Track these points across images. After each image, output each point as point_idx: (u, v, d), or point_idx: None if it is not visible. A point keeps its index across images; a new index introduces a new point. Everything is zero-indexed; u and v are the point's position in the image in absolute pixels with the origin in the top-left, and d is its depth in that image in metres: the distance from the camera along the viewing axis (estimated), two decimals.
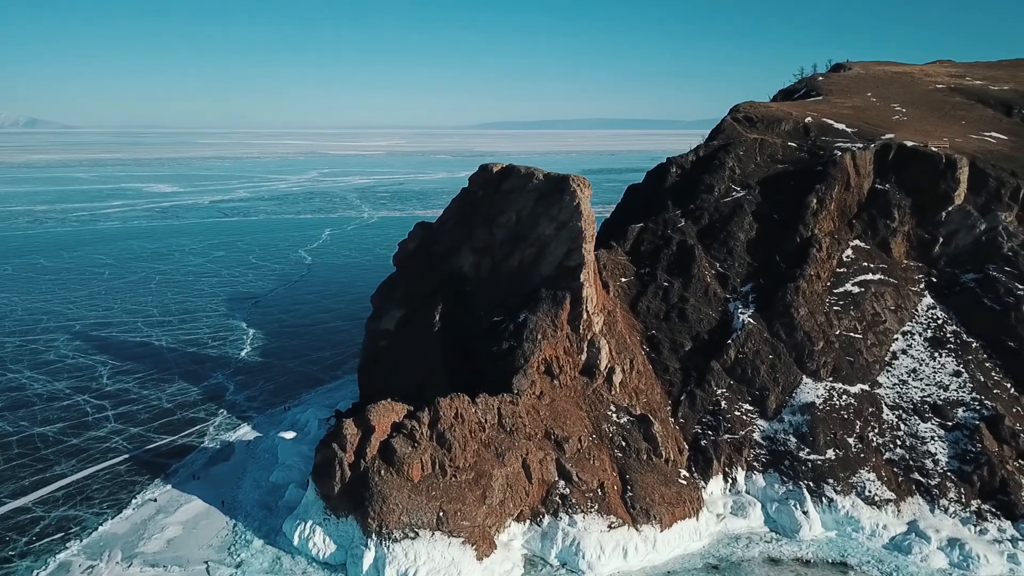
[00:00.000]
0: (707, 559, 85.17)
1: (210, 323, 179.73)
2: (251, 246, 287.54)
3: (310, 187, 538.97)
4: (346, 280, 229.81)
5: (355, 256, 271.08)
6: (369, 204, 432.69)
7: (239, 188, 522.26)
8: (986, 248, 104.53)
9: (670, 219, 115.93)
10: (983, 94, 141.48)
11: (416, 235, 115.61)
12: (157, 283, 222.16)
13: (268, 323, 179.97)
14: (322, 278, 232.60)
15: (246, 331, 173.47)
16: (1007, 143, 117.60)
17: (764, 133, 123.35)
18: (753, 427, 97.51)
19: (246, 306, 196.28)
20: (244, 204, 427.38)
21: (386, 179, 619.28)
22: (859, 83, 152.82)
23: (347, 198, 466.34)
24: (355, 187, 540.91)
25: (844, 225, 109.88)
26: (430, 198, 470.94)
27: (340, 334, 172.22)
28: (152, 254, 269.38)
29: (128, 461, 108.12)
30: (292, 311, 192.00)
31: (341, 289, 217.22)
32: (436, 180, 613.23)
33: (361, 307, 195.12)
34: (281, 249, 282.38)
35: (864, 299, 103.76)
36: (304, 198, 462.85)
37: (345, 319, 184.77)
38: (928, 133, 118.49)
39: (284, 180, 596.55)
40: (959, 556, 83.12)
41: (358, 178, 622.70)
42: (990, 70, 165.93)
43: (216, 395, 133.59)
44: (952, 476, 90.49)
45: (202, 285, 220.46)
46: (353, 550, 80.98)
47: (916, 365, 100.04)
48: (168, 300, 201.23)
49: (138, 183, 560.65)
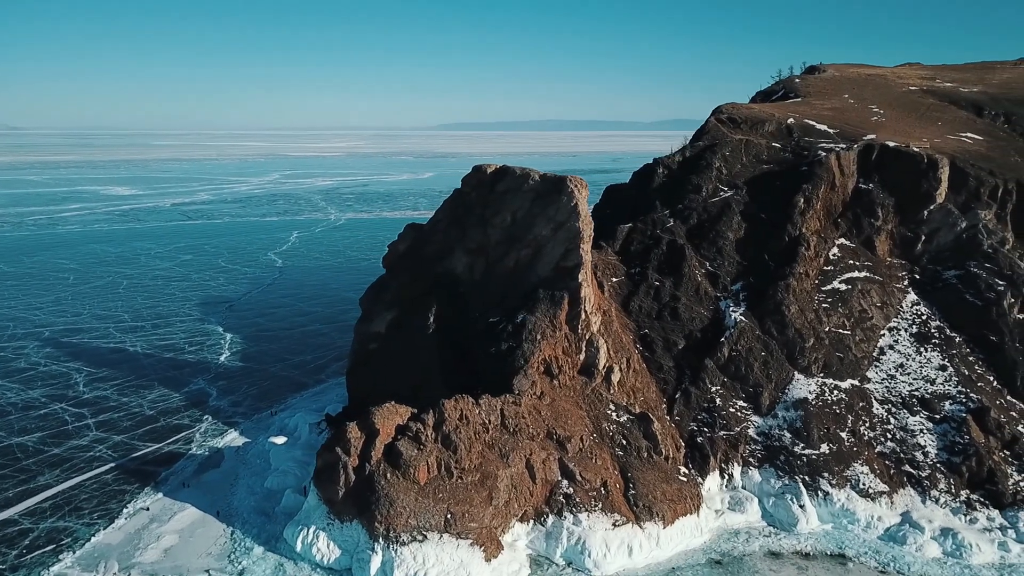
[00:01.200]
0: (709, 554, 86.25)
1: (185, 328, 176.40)
2: (219, 249, 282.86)
3: (273, 189, 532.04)
4: (320, 283, 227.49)
5: (326, 259, 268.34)
6: (335, 206, 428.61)
7: (200, 190, 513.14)
8: (967, 245, 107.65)
9: (659, 219, 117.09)
10: (954, 96, 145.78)
11: (406, 237, 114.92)
12: (125, 288, 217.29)
13: (245, 327, 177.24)
14: (295, 281, 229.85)
15: (223, 335, 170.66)
16: (983, 143, 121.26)
17: (748, 134, 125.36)
18: (748, 423, 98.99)
19: (220, 310, 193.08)
20: (207, 207, 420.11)
21: (349, 180, 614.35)
22: (835, 85, 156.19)
23: (312, 200, 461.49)
24: (319, 189, 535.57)
25: (830, 224, 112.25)
26: (396, 199, 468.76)
27: (320, 337, 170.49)
28: (117, 258, 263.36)
29: (115, 470, 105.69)
30: (268, 315, 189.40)
31: (315, 292, 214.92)
32: (400, 181, 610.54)
33: (338, 310, 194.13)
34: (250, 252, 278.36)
35: (851, 296, 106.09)
36: (268, 200, 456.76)
37: (323, 322, 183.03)
38: (907, 134, 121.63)
39: (246, 182, 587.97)
40: (952, 545, 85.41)
41: (321, 180, 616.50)
42: (958, 72, 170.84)
43: (199, 401, 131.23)
44: (942, 467, 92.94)
45: (172, 289, 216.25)
46: (359, 554, 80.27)
47: (903, 360, 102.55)
48: (139, 305, 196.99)
49: (94, 186, 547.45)
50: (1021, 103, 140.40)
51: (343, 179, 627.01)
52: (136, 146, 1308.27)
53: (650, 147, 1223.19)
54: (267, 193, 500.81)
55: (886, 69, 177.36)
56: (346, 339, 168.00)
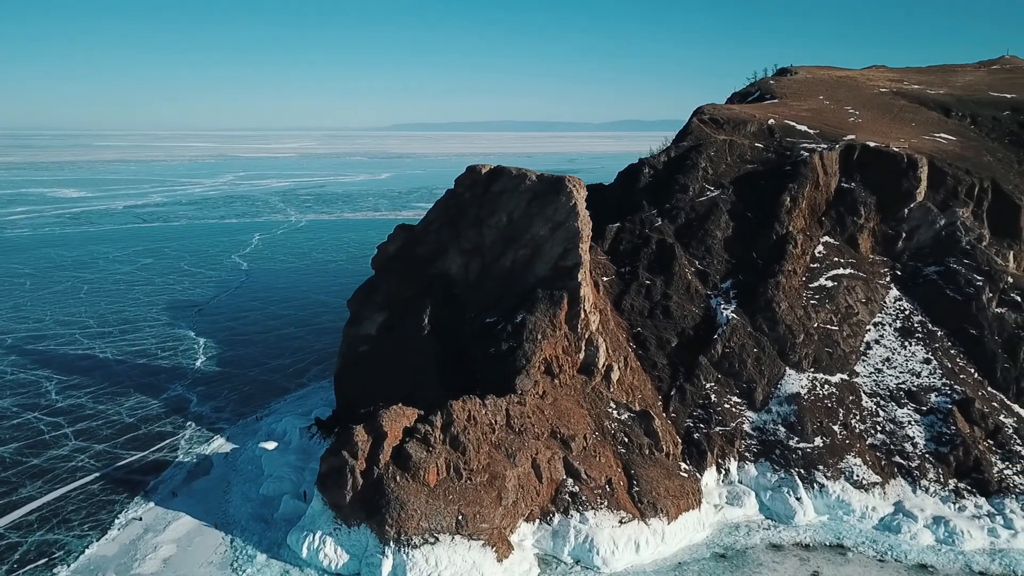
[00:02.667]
0: (713, 548, 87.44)
1: (155, 333, 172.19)
2: (180, 252, 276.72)
3: (228, 191, 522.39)
4: (289, 286, 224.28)
5: (292, 261, 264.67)
6: (294, 207, 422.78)
7: (153, 192, 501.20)
8: (946, 242, 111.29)
9: (647, 219, 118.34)
10: (923, 98, 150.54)
11: (397, 238, 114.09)
12: (87, 293, 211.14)
13: (217, 331, 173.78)
14: (263, 284, 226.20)
15: (196, 340, 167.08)
16: (956, 143, 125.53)
17: (732, 134, 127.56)
18: (743, 419, 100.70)
19: (190, 314, 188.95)
20: (162, 209, 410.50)
21: (305, 181, 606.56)
22: (809, 87, 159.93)
23: (269, 201, 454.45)
24: (275, 190, 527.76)
25: (814, 222, 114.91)
26: (356, 200, 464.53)
27: (295, 341, 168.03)
28: (74, 263, 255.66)
29: (100, 480, 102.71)
30: (240, 319, 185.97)
31: (286, 295, 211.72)
32: (358, 182, 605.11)
33: (311, 313, 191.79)
34: (213, 255, 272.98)
35: (837, 292, 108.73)
36: (224, 202, 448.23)
37: (297, 325, 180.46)
38: (885, 134, 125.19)
39: (198, 184, 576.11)
40: (944, 533, 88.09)
41: (276, 181, 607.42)
42: (922, 75, 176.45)
43: (180, 407, 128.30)
44: (930, 458, 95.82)
45: (136, 294, 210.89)
46: (368, 559, 79.44)
47: (889, 354, 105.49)
48: (103, 310, 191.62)
49: (40, 188, 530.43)
50: (985, 105, 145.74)
51: (299, 180, 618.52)
52: (79, 147, 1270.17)
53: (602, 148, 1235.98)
54: (222, 195, 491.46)
55: (855, 71, 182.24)
56: (323, 342, 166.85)
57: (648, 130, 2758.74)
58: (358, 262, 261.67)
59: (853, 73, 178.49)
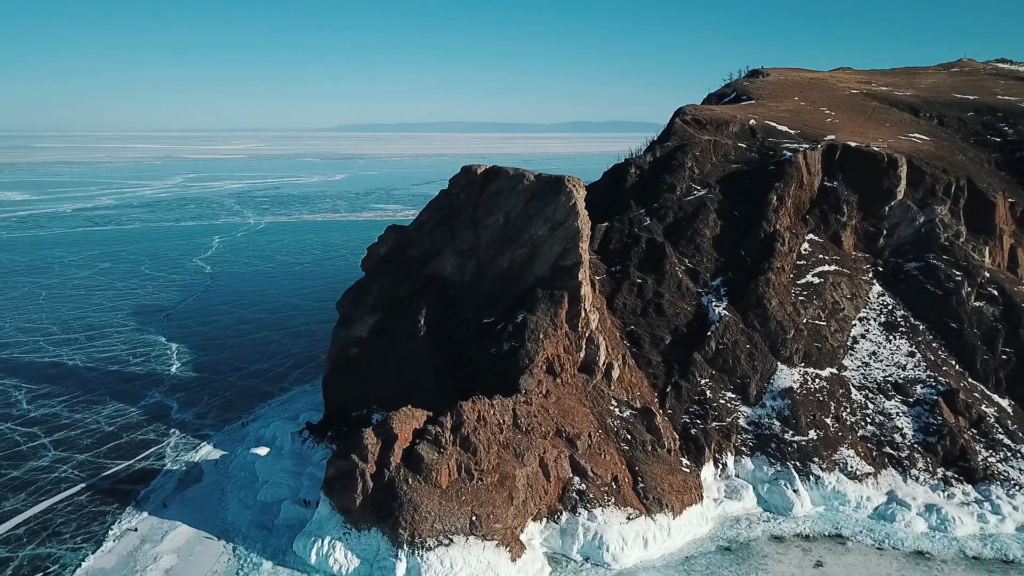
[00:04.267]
0: (717, 542, 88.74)
1: (123, 339, 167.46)
2: (139, 256, 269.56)
3: (180, 193, 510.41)
4: (257, 289, 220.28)
5: (256, 264, 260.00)
6: (251, 209, 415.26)
7: (101, 195, 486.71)
8: (926, 239, 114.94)
9: (635, 218, 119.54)
10: (892, 99, 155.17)
11: (387, 239, 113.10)
12: (46, 298, 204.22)
13: (189, 337, 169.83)
14: (230, 288, 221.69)
15: (168, 346, 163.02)
16: (931, 143, 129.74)
17: (715, 134, 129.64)
18: (738, 414, 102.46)
19: (157, 319, 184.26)
20: (113, 212, 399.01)
21: (259, 183, 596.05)
22: (784, 88, 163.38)
23: (225, 203, 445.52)
24: (229, 192, 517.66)
25: (799, 220, 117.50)
26: (313, 202, 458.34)
27: (271, 345, 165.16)
28: (27, 267, 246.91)
29: (87, 491, 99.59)
30: (210, 323, 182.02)
31: (255, 299, 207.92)
32: (313, 183, 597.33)
33: (283, 316, 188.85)
34: (174, 258, 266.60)
35: (824, 289, 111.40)
36: (178, 204, 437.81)
37: (270, 329, 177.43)
38: (862, 134, 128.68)
39: (148, 186, 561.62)
40: (937, 520, 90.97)
41: (229, 183, 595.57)
42: (888, 77, 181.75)
43: (161, 414, 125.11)
44: (919, 448, 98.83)
45: (98, 299, 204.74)
46: (380, 562, 78.59)
47: (875, 348, 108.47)
48: (65, 316, 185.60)
49: None
50: (950, 106, 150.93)
51: (252, 182, 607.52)
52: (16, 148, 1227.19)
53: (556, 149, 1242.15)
54: (175, 197, 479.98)
55: (824, 73, 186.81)
56: (300, 345, 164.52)
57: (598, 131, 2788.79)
58: (324, 264, 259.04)
59: (823, 75, 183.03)
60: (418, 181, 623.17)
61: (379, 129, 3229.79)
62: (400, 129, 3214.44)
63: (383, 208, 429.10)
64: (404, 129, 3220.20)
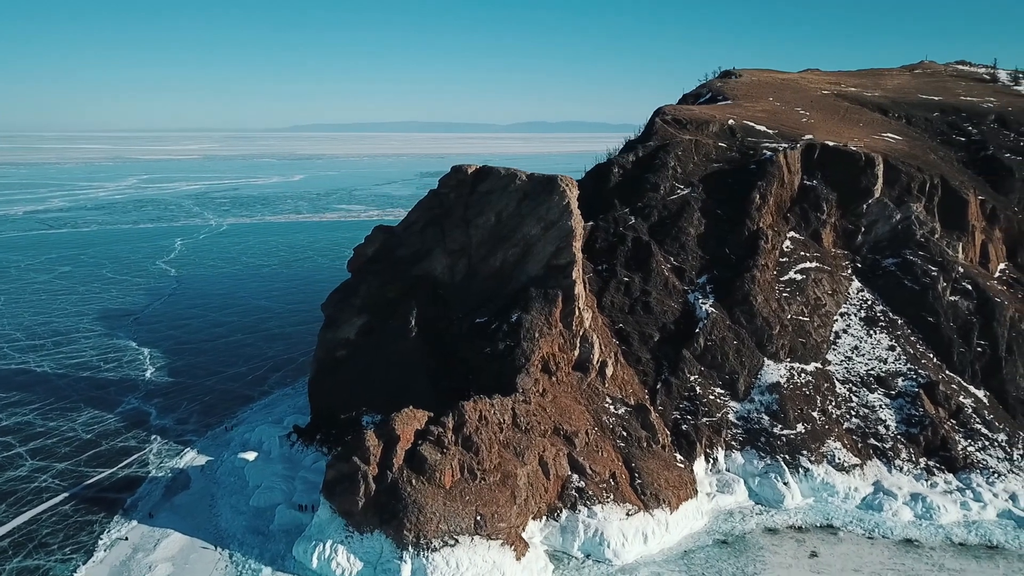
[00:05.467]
0: (713, 535, 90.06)
1: (92, 344, 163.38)
2: (99, 259, 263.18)
3: (135, 194, 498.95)
4: (226, 292, 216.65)
5: (222, 266, 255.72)
6: (211, 211, 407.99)
7: (52, 197, 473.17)
8: (902, 235, 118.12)
9: (620, 217, 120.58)
10: (862, 100, 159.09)
11: (375, 239, 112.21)
12: (5, 303, 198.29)
13: (160, 341, 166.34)
14: (198, 291, 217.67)
15: (139, 351, 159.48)
16: (904, 143, 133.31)
17: (696, 134, 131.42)
18: (727, 409, 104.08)
19: (125, 324, 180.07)
20: (67, 214, 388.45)
21: (216, 184, 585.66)
22: (758, 89, 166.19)
23: (183, 205, 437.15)
24: (187, 193, 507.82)
25: (780, 218, 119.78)
26: (274, 203, 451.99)
27: (246, 348, 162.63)
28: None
29: (71, 500, 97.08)
30: (181, 327, 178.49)
31: (224, 301, 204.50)
32: (272, 184, 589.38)
33: (255, 319, 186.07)
34: (136, 261, 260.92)
35: (806, 285, 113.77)
36: (135, 206, 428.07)
37: (243, 332, 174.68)
38: (838, 134, 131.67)
39: (100, 187, 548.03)
40: (922, 508, 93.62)
41: (185, 184, 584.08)
42: (855, 78, 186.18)
43: (139, 421, 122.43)
44: (902, 439, 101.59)
45: (61, 303, 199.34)
46: (384, 565, 78.03)
47: (857, 342, 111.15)
48: (28, 322, 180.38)
49: None
50: (917, 106, 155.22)
51: (209, 183, 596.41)
52: None
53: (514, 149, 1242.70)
54: (130, 199, 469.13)
55: (794, 74, 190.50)
56: (276, 349, 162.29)
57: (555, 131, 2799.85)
58: (292, 267, 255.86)
59: (793, 76, 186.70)
60: (379, 181, 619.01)
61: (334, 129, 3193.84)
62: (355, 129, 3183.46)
63: (346, 209, 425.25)
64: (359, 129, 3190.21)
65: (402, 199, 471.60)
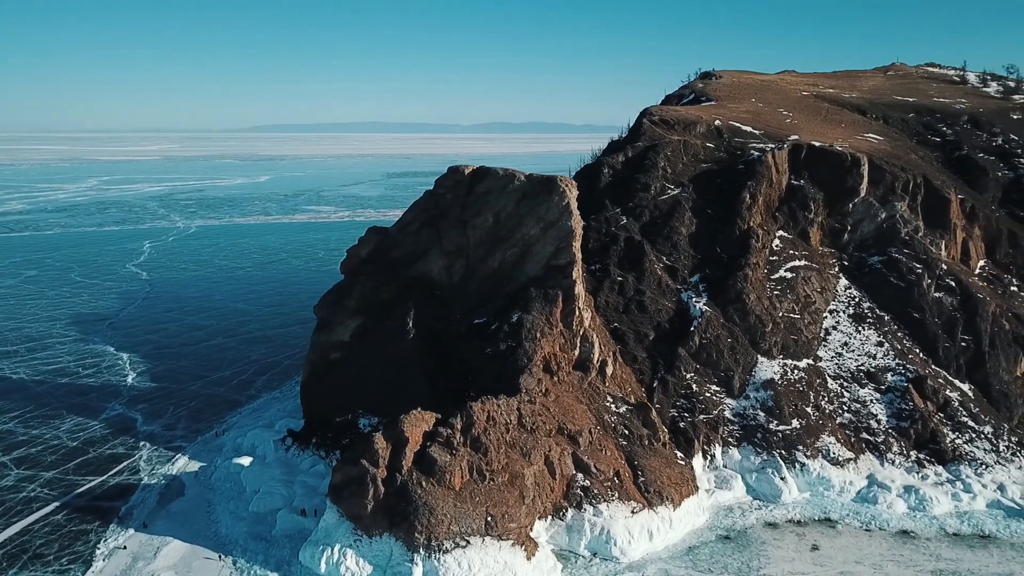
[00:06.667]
0: (716, 531, 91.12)
1: (68, 350, 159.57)
2: (66, 263, 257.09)
3: (97, 196, 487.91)
4: (201, 295, 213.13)
5: (195, 269, 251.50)
6: (177, 213, 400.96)
7: (10, 199, 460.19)
8: (887, 234, 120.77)
9: (612, 217, 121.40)
10: (841, 101, 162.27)
11: (369, 241, 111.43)
12: None
13: (139, 346, 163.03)
14: (172, 294, 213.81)
15: (118, 355, 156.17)
16: (885, 143, 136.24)
17: (683, 135, 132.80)
18: (723, 406, 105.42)
19: (100, 329, 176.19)
20: (28, 217, 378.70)
21: (180, 185, 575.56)
22: (740, 90, 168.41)
23: (148, 207, 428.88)
24: (150, 195, 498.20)
25: (769, 217, 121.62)
26: (242, 205, 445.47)
27: (228, 352, 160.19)
28: None
29: (62, 509, 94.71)
30: (159, 331, 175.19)
31: (201, 305, 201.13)
32: (237, 185, 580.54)
33: (235, 322, 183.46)
34: (104, 264, 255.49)
35: (796, 283, 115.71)
36: (98, 208, 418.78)
37: (224, 336, 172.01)
38: (822, 134, 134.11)
39: (60, 189, 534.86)
40: (915, 500, 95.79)
41: (148, 185, 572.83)
42: (831, 80, 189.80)
43: (126, 427, 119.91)
44: (893, 432, 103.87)
45: (31, 308, 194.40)
46: (394, 568, 77.56)
47: (846, 339, 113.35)
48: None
49: None
50: (893, 107, 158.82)
51: (172, 184, 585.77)
52: None
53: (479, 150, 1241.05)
54: (92, 201, 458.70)
55: (772, 76, 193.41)
56: (259, 352, 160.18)
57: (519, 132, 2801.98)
58: (267, 269, 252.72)
59: (772, 77, 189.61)
60: (346, 182, 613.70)
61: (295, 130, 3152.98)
62: (317, 130, 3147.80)
63: (316, 210, 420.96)
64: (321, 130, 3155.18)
65: (372, 200, 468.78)
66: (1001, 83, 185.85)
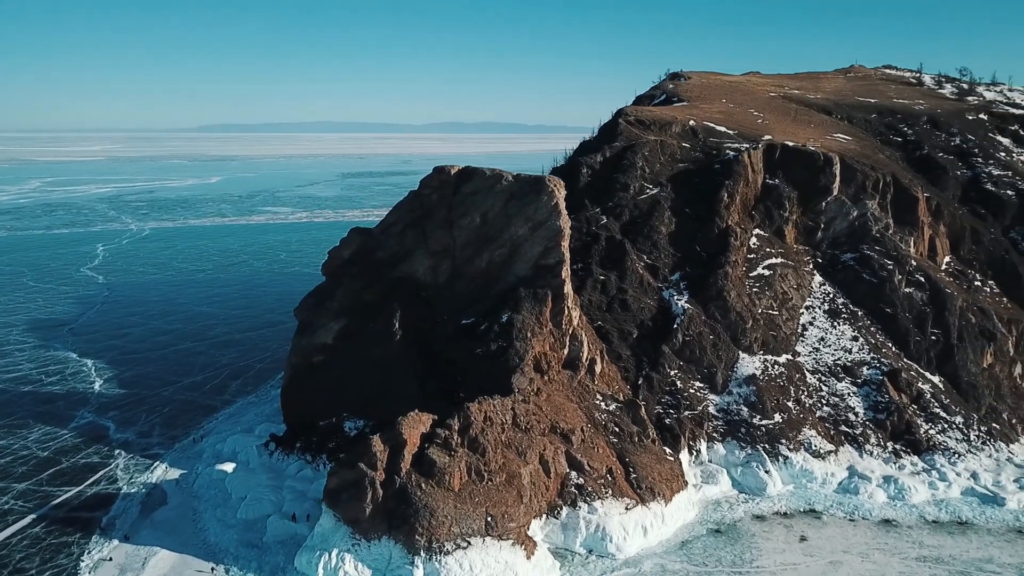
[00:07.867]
0: (706, 525, 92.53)
1: (28, 357, 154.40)
2: (17, 267, 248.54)
3: (41, 198, 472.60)
4: (163, 299, 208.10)
5: (153, 272, 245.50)
6: (129, 215, 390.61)
7: None
8: (859, 231, 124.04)
9: (592, 216, 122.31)
10: (807, 102, 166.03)
11: (351, 242, 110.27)
12: None
13: (103, 352, 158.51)
14: (132, 298, 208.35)
15: (81, 362, 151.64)
16: (854, 143, 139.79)
17: (659, 135, 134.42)
18: (707, 402, 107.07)
19: (60, 334, 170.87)
20: None
21: (128, 187, 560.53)
22: (710, 91, 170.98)
23: (97, 209, 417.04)
24: (98, 197, 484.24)
25: (746, 216, 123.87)
26: (196, 206, 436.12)
27: (198, 356, 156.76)
28: None
29: (40, 521, 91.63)
30: (122, 336, 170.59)
31: (165, 309, 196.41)
32: (189, 187, 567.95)
33: (201, 326, 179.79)
34: (57, 269, 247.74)
35: (774, 280, 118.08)
36: (44, 211, 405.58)
37: (192, 340, 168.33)
38: (794, 134, 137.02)
39: (2, 191, 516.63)
40: (895, 490, 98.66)
41: (94, 187, 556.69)
42: (795, 81, 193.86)
43: (98, 436, 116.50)
44: (870, 424, 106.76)
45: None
46: (394, 571, 76.97)
47: (823, 334, 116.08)
48: None
49: None
50: (857, 108, 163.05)
51: (120, 186, 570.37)
52: None
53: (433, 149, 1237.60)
54: (37, 203, 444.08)
55: (739, 77, 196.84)
56: (230, 356, 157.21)
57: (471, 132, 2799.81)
58: (229, 271, 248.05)
59: (739, 78, 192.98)
60: (300, 183, 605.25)
61: (242, 130, 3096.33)
62: (265, 130, 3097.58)
63: (273, 211, 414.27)
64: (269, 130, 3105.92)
65: (329, 200, 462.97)
66: (955, 85, 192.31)
